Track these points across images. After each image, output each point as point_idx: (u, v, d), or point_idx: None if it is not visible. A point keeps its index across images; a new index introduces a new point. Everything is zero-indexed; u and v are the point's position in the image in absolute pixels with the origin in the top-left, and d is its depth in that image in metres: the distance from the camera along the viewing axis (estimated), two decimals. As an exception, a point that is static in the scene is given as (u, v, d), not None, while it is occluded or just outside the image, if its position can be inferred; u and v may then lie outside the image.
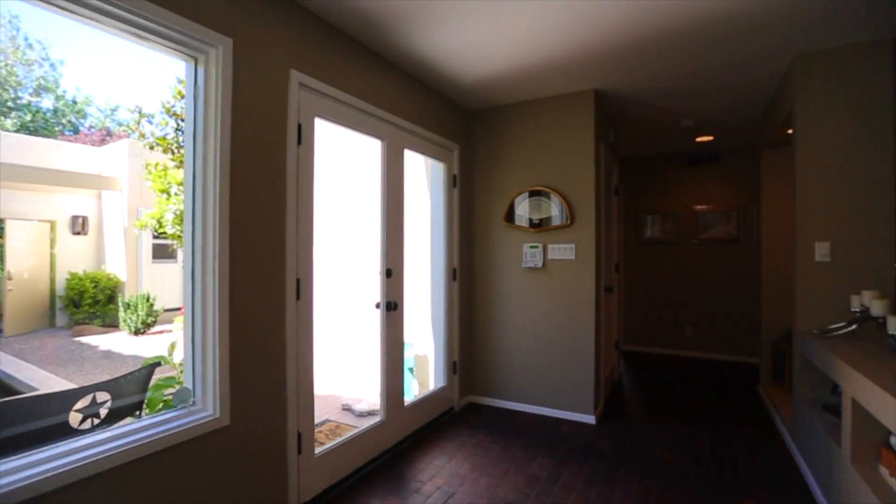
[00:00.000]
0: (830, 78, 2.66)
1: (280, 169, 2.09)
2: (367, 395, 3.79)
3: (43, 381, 4.07)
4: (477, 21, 2.38)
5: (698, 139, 4.83)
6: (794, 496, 2.34)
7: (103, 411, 1.85)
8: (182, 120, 3.81)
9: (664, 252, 5.52)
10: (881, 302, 2.04)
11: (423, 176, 3.70)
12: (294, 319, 2.14)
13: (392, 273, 2.86)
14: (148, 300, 6.33)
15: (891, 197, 2.51)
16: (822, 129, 2.67)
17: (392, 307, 2.84)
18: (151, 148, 4.13)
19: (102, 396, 1.87)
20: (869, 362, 1.86)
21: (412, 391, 3.62)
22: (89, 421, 1.79)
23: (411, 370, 3.70)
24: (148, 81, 18.73)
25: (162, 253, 7.50)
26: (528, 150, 3.58)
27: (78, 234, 7.21)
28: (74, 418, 1.75)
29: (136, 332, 6.25)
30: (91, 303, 6.64)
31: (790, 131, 3.07)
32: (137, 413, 2.07)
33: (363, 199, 4.13)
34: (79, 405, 1.78)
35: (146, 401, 2.15)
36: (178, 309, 5.98)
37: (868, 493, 1.64)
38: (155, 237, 7.07)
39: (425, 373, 3.73)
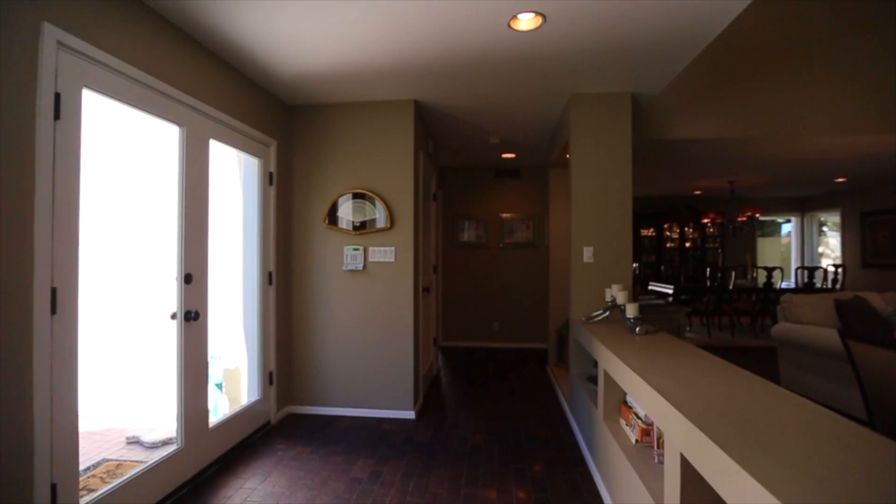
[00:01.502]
0: (593, 116, 3.35)
1: (25, 148, 1.63)
2: (163, 421, 3.24)
3: None
4: (293, 14, 2.27)
5: (504, 155, 5.52)
6: (570, 454, 2.86)
7: None
8: None
9: (476, 254, 6.15)
10: (623, 293, 2.65)
11: (235, 171, 3.35)
12: (47, 340, 1.69)
13: (193, 278, 2.51)
14: None
15: (628, 211, 3.29)
16: (587, 156, 3.34)
17: (193, 317, 2.49)
18: None
19: None
20: (615, 340, 2.39)
21: (220, 410, 3.24)
22: None
23: (219, 386, 3.31)
24: None
25: None
26: (352, 152, 3.57)
27: None
28: None
29: None
30: None
31: (568, 156, 3.76)
32: None
33: (162, 195, 3.52)
34: None
35: None
36: None
37: (612, 440, 2.10)
38: None
39: (237, 387, 3.38)
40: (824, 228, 9.38)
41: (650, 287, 7.47)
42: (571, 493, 2.40)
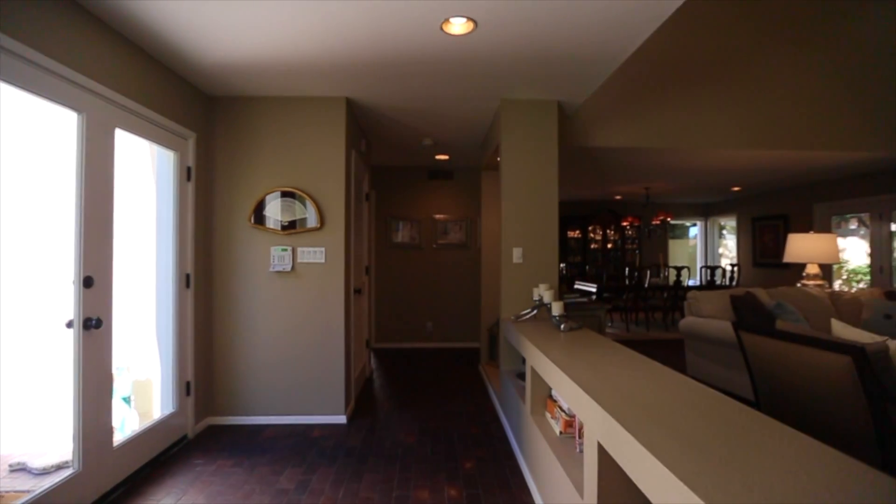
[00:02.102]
0: (522, 121, 3.48)
1: None
2: (57, 443, 2.89)
3: None
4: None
5: (437, 157, 5.56)
6: (500, 449, 2.94)
7: None
8: None
9: (410, 255, 6.14)
10: (549, 292, 2.78)
11: (147, 165, 3.07)
12: None
13: (93, 281, 2.27)
14: None
15: (554, 214, 3.46)
16: (516, 160, 3.46)
17: (94, 324, 2.25)
18: None
19: None
20: (541, 338, 2.49)
21: (128, 426, 2.95)
22: None
23: (127, 400, 3.01)
24: None
25: None
26: (281, 148, 3.42)
27: None
28: None
29: None
30: None
31: (499, 159, 3.86)
32: None
33: (59, 188, 3.13)
34: None
35: None
36: None
37: (538, 434, 2.19)
38: None
39: (148, 400, 3.10)
40: (724, 231, 10.47)
41: (576, 286, 7.90)
42: (501, 487, 2.47)
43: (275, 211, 3.38)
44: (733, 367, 3.70)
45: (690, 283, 8.71)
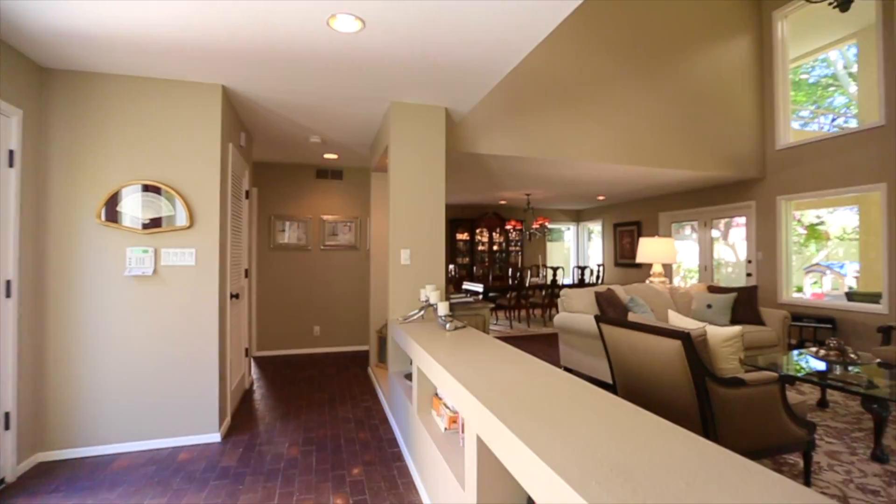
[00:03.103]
0: (411, 125, 3.52)
1: None
2: None
3: None
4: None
5: (326, 156, 5.37)
6: (389, 452, 2.93)
7: None
8: None
9: (297, 257, 5.83)
10: (435, 293, 2.85)
11: (-53, 144, 2.47)
12: None
13: None
14: None
15: (441, 216, 3.56)
16: (405, 163, 3.49)
17: None
18: None
19: None
20: (427, 338, 2.55)
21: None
22: None
23: (-84, 441, 2.39)
24: None
25: None
26: (143, 136, 3.00)
27: None
28: None
29: None
30: None
31: (388, 161, 3.86)
32: None
33: None
34: None
35: None
36: None
37: (424, 432, 2.23)
38: None
39: (-51, 439, 2.49)
40: (592, 235, 11.75)
41: (464, 286, 8.23)
42: (389, 489, 2.46)
43: (133, 207, 2.96)
44: (599, 356, 4.16)
45: (565, 281, 9.61)
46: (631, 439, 1.14)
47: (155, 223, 2.99)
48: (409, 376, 3.10)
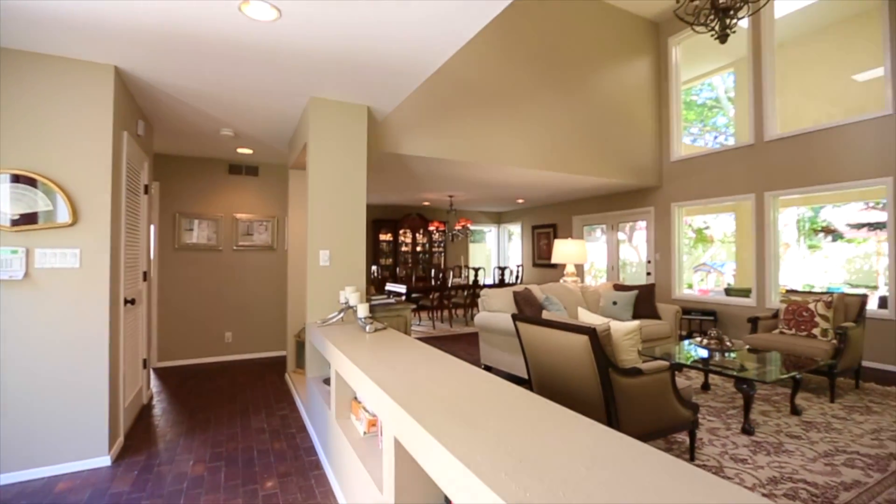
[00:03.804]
0: (332, 122, 3.42)
1: None
2: None
3: None
4: None
5: (240, 150, 5.04)
6: (307, 461, 2.82)
7: None
8: None
9: (206, 258, 5.41)
10: (355, 294, 2.80)
11: None
12: None
13: None
14: None
15: (362, 216, 3.51)
16: (325, 161, 3.39)
17: None
18: None
19: None
20: (346, 340, 2.49)
21: None
22: None
23: None
24: None
25: None
26: (12, 118, 2.60)
27: None
28: None
29: None
30: None
31: (307, 158, 3.72)
32: None
33: None
34: None
35: None
36: None
37: (343, 438, 2.18)
38: None
39: None
40: (512, 237, 12.23)
41: (387, 288, 8.16)
42: (306, 499, 2.37)
43: (-3, 200, 2.55)
44: (517, 353, 4.34)
45: (486, 281, 9.91)
46: (539, 431, 1.21)
47: (28, 219, 2.61)
48: (327, 381, 3.01)
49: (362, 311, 2.69)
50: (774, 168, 5.84)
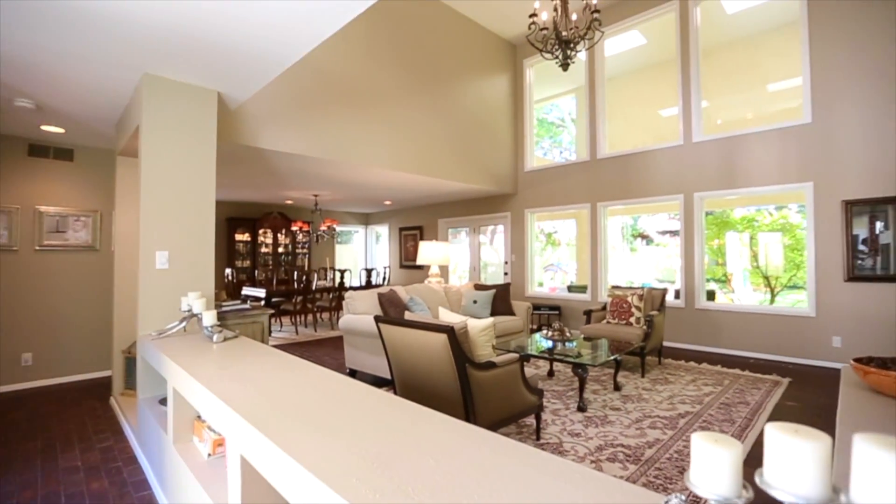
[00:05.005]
0: (172, 105, 3.00)
1: None
2: None
3: None
4: None
5: (44, 127, 4.12)
6: (136, 498, 2.41)
7: None
8: None
9: (-7, 261, 4.29)
10: (200, 301, 2.50)
11: None
12: None
13: None
14: None
15: (210, 214, 3.15)
16: (163, 148, 2.96)
17: None
18: None
19: None
20: (188, 353, 2.21)
21: None
22: None
23: None
24: None
25: None
26: None
27: None
28: None
29: None
30: None
31: (139, 143, 3.21)
32: None
33: None
34: None
35: None
36: None
37: (182, 464, 1.93)
38: None
39: None
40: (380, 238, 12.21)
41: (243, 292, 7.47)
42: (132, 542, 2.03)
43: None
44: (381, 355, 4.33)
45: (353, 283, 9.72)
46: (393, 431, 1.22)
47: None
48: (164, 401, 2.62)
49: (208, 319, 2.41)
50: (604, 182, 6.85)
